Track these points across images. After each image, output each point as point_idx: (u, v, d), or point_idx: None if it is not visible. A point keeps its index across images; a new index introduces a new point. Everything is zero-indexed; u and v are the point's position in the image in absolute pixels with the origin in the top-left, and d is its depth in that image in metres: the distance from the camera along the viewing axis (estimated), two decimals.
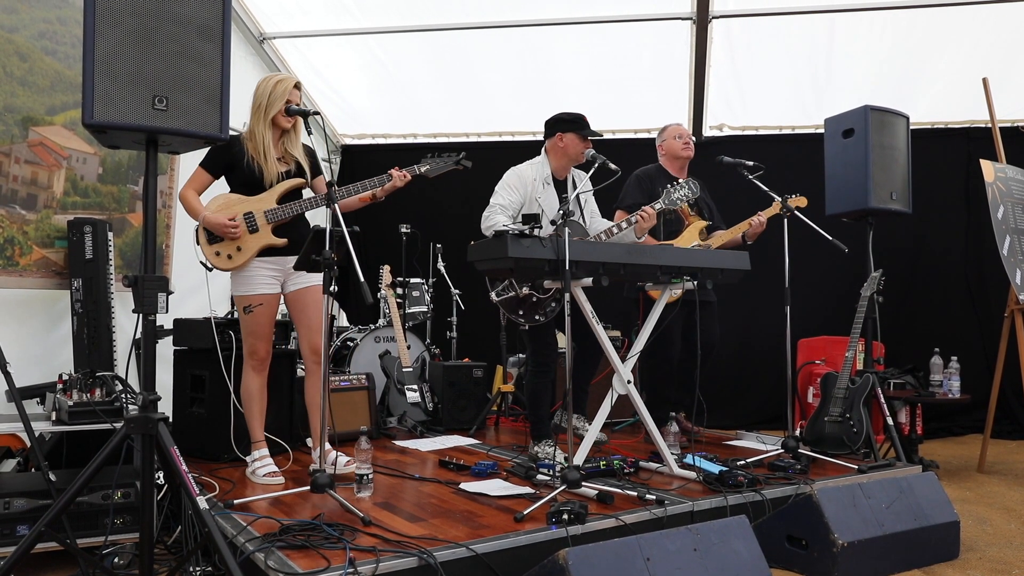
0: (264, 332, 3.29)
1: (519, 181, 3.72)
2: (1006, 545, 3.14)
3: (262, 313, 3.26)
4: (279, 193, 3.26)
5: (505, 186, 3.72)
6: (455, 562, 2.28)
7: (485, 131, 6.44)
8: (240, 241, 3.23)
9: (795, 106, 5.87)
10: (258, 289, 3.25)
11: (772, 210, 4.06)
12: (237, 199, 3.27)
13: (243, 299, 3.26)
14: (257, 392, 3.34)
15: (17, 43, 3.82)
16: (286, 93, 3.22)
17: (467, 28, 5.52)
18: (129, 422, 2.20)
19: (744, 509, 2.92)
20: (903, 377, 4.49)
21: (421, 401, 4.73)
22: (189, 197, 3.24)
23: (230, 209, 3.24)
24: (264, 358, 3.32)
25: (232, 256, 3.24)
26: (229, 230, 3.18)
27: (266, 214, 3.23)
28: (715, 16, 5.30)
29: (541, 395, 3.83)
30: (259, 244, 3.23)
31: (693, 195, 3.52)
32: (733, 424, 5.32)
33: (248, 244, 3.23)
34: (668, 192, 3.52)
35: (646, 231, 3.59)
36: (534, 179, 3.73)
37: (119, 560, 2.67)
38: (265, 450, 3.35)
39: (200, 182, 3.28)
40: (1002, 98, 4.93)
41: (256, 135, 3.24)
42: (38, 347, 3.89)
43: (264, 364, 3.33)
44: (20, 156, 3.82)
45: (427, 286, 5.60)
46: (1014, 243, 4.61)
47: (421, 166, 3.36)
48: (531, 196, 3.70)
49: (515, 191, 3.69)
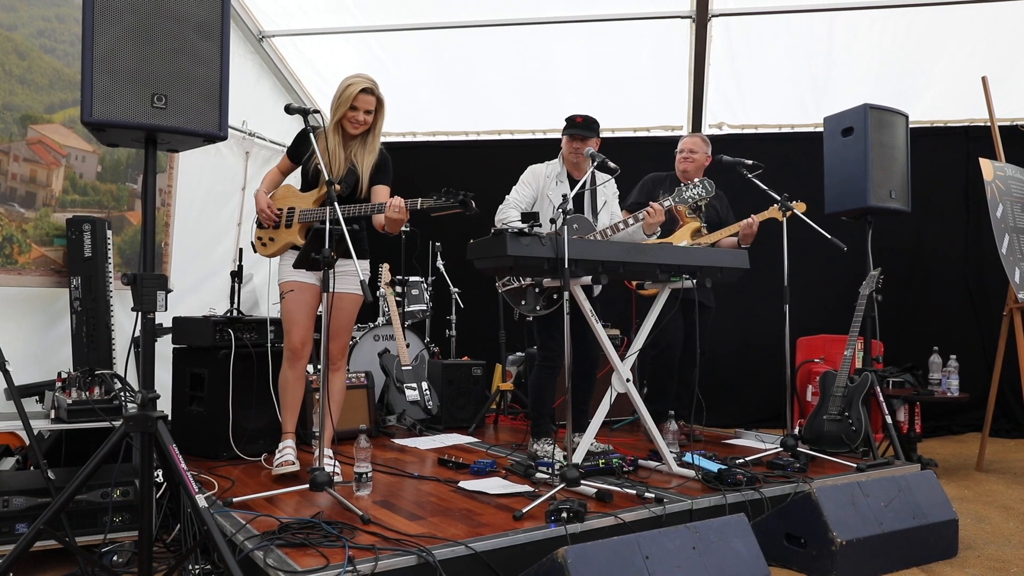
0: (296, 319, 3.27)
1: (532, 177, 3.85)
2: (1004, 543, 3.14)
3: (293, 299, 3.28)
4: (318, 195, 3.29)
5: (520, 183, 3.86)
6: (454, 560, 2.28)
7: (484, 130, 6.43)
8: (275, 232, 3.33)
9: (794, 105, 5.86)
10: (290, 276, 3.30)
11: (766, 213, 4.06)
12: (294, 193, 3.38)
13: (281, 286, 3.34)
14: (291, 384, 3.32)
15: (16, 41, 3.82)
16: (350, 99, 3.19)
17: (466, 27, 5.51)
18: (128, 420, 2.19)
19: (743, 507, 2.92)
20: (902, 375, 4.49)
21: (420, 399, 4.73)
22: (269, 173, 3.42)
23: (286, 200, 3.35)
24: (297, 348, 3.28)
25: (267, 244, 3.37)
26: (264, 215, 3.31)
27: (301, 213, 3.28)
28: (714, 15, 5.29)
29: (544, 390, 3.82)
30: (286, 240, 3.31)
31: (707, 194, 3.49)
32: (732, 423, 5.32)
33: (280, 237, 3.33)
34: (680, 190, 3.52)
35: (654, 227, 3.57)
36: (547, 176, 3.83)
37: (118, 558, 2.68)
38: (289, 441, 3.32)
39: (283, 165, 3.43)
40: (1001, 97, 4.93)
41: (323, 135, 3.25)
42: (37, 345, 3.88)
43: (297, 355, 3.29)
44: (19, 154, 3.81)
45: (426, 284, 5.60)
46: (1013, 242, 4.61)
47: (424, 202, 3.13)
48: (542, 192, 3.80)
49: (528, 187, 3.82)
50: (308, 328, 3.32)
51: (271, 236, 3.34)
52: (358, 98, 3.22)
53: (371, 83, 3.25)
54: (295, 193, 3.37)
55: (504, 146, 6.39)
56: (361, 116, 3.24)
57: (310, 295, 3.30)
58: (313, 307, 3.33)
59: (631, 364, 3.38)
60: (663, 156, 4.40)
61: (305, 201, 3.32)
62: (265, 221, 3.32)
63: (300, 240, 3.26)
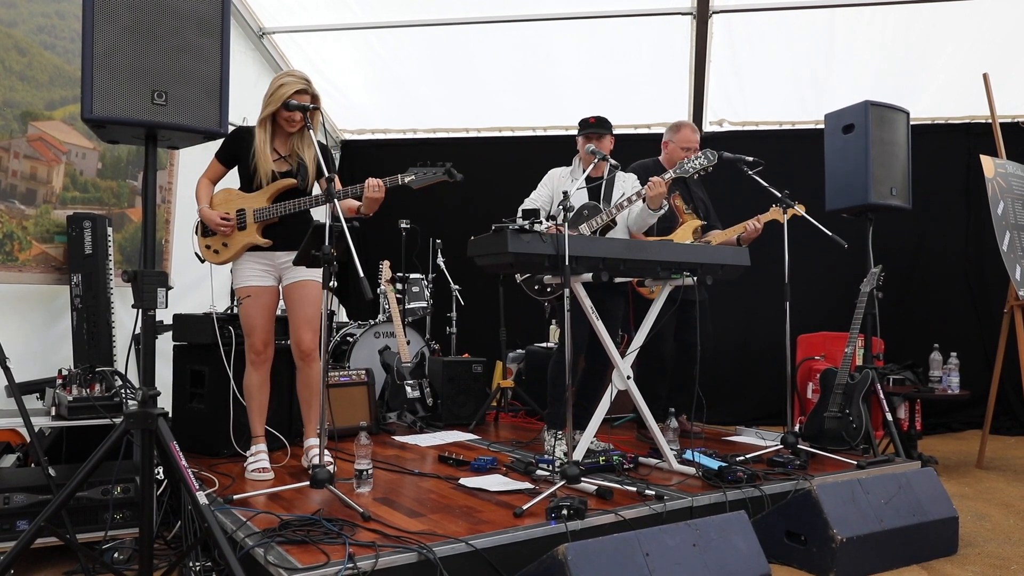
0: (256, 324, 3.25)
1: (549, 178, 3.98)
2: (1005, 540, 3.14)
3: (252, 305, 3.25)
4: (271, 193, 3.24)
5: (540, 184, 3.98)
6: (454, 557, 2.28)
7: (484, 126, 6.42)
8: (228, 237, 3.25)
9: (795, 101, 5.85)
10: (248, 281, 3.26)
11: (769, 215, 4.05)
12: (237, 195, 3.28)
13: (238, 292, 3.30)
14: (256, 387, 3.32)
15: (16, 37, 3.81)
16: (283, 97, 3.12)
17: (466, 23, 5.51)
18: (129, 417, 2.20)
19: (743, 505, 2.92)
20: (902, 373, 4.49)
21: (420, 396, 4.74)
22: (200, 186, 3.31)
23: (228, 204, 3.26)
24: (260, 351, 3.28)
25: (219, 251, 3.28)
26: (220, 227, 3.21)
27: (255, 213, 3.22)
28: (715, 11, 5.29)
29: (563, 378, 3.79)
30: (244, 242, 3.24)
31: (709, 163, 3.50)
32: (732, 420, 5.32)
33: (235, 241, 3.25)
34: (682, 163, 3.52)
35: (659, 200, 3.56)
36: (562, 175, 3.94)
37: (119, 555, 2.68)
38: (261, 446, 3.34)
39: (214, 171, 3.34)
40: (1002, 93, 4.92)
41: (256, 132, 3.23)
42: (38, 342, 3.89)
43: (260, 358, 3.29)
44: (19, 151, 3.81)
45: (427, 281, 5.60)
46: (1014, 239, 4.60)
47: (405, 176, 3.17)
48: (557, 190, 3.88)
49: (544, 187, 3.94)
50: (268, 331, 3.30)
51: (223, 242, 3.26)
52: (297, 97, 3.14)
53: (304, 83, 3.18)
54: (237, 195, 3.28)
55: (505, 143, 6.37)
56: (298, 116, 3.16)
57: (268, 298, 3.29)
58: (272, 309, 3.32)
59: (631, 361, 3.38)
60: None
61: (255, 200, 3.23)
62: (225, 231, 3.22)
63: (260, 239, 3.22)
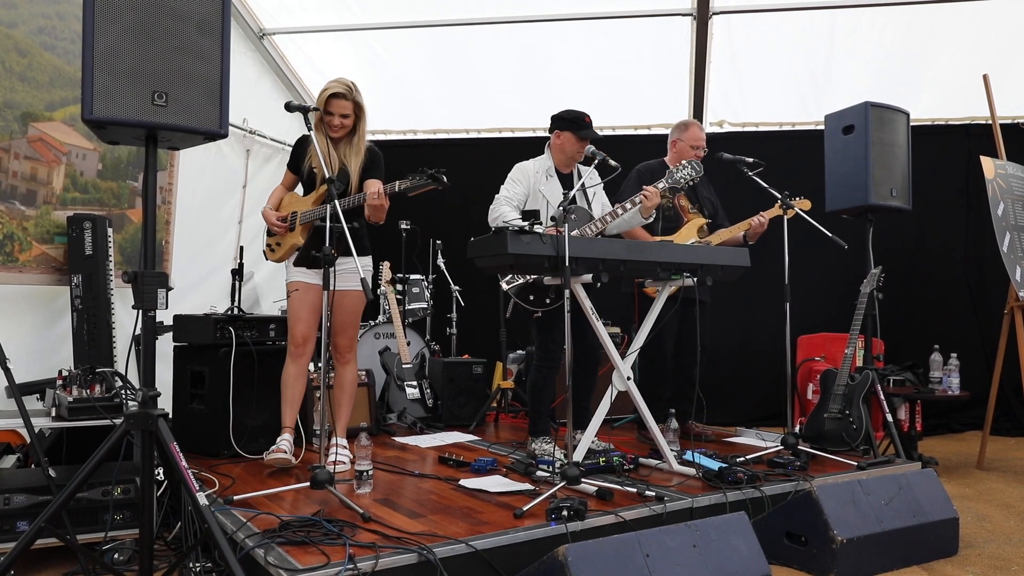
0: (300, 316, 3.38)
1: (522, 175, 3.82)
2: (1005, 541, 3.14)
3: (297, 299, 3.40)
4: (317, 196, 3.37)
5: (510, 180, 3.83)
6: (455, 558, 2.28)
7: (485, 127, 6.43)
8: (282, 237, 3.45)
9: (795, 102, 5.85)
10: (297, 276, 3.42)
11: (774, 211, 4.05)
12: (296, 199, 3.50)
13: (288, 285, 3.46)
14: (292, 378, 3.42)
15: (16, 38, 3.81)
16: (323, 104, 3.29)
17: (466, 24, 5.51)
18: (129, 418, 2.20)
19: (743, 506, 2.92)
20: (903, 374, 4.49)
21: (421, 397, 4.74)
22: (272, 194, 3.54)
23: (288, 207, 3.49)
24: (299, 344, 3.38)
25: (275, 249, 3.51)
26: (276, 227, 3.44)
27: (301, 215, 3.38)
28: (715, 12, 5.29)
29: (543, 389, 3.83)
30: (291, 243, 3.42)
31: (697, 174, 3.51)
32: (733, 421, 5.32)
33: (285, 241, 3.45)
34: (671, 172, 3.53)
35: (651, 210, 3.58)
36: (536, 171, 3.81)
37: (119, 556, 2.68)
38: (286, 435, 3.37)
39: (286, 179, 3.57)
40: (1002, 94, 4.92)
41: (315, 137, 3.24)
42: (38, 343, 3.88)
43: (299, 350, 3.40)
44: (19, 152, 3.81)
45: (427, 282, 5.59)
46: (1014, 240, 4.61)
47: (401, 183, 3.19)
48: (534, 188, 3.78)
49: (519, 184, 3.80)
50: (310, 325, 3.41)
51: (278, 242, 3.49)
52: (330, 103, 3.30)
53: (344, 88, 3.30)
54: (297, 199, 3.50)
55: (505, 144, 6.38)
56: (336, 120, 3.32)
57: (314, 294, 3.39)
58: (317, 306, 3.39)
59: (632, 362, 3.38)
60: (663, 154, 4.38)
61: (304, 203, 3.42)
62: (279, 231, 3.44)
63: (303, 241, 3.37)
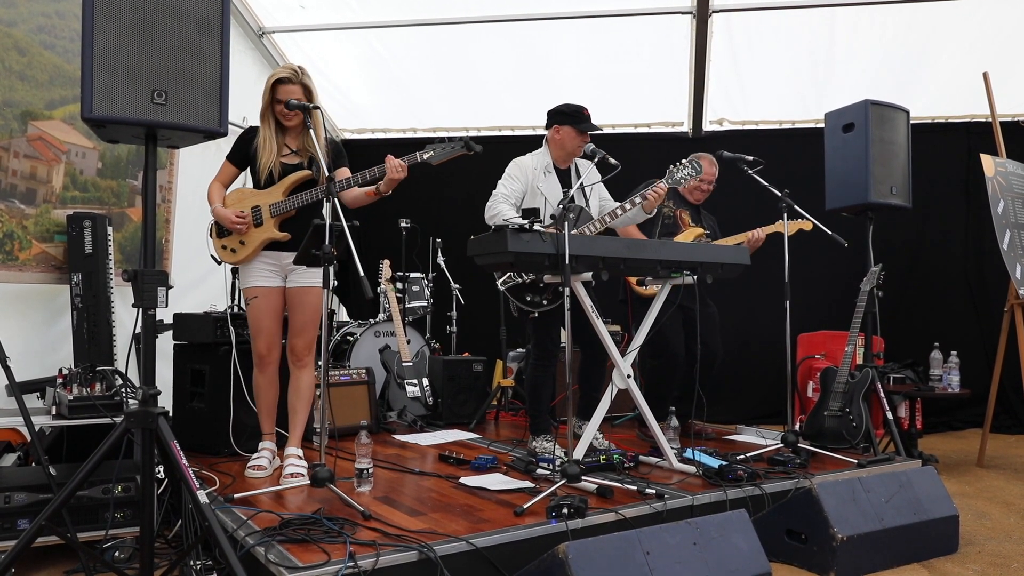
0: (262, 326, 3.22)
1: (519, 171, 3.78)
2: (1005, 539, 3.15)
3: (257, 306, 3.22)
4: (286, 186, 3.20)
5: (507, 176, 3.79)
6: (455, 556, 2.28)
7: (484, 125, 6.43)
8: (245, 235, 3.21)
9: (795, 100, 5.85)
10: (255, 281, 3.23)
11: (773, 228, 4.05)
12: (251, 193, 3.26)
13: (245, 292, 3.27)
14: (263, 388, 3.31)
15: (16, 37, 3.81)
16: (268, 91, 3.13)
17: (466, 22, 5.51)
18: (129, 416, 2.20)
19: (744, 503, 2.92)
20: (903, 372, 4.50)
21: (421, 396, 4.74)
22: (211, 188, 3.28)
23: (242, 203, 3.23)
24: (263, 354, 3.25)
25: (236, 250, 3.24)
26: (236, 224, 3.17)
27: (271, 207, 3.19)
28: (715, 10, 5.29)
29: (541, 388, 3.83)
30: (262, 238, 3.20)
31: (696, 173, 3.51)
32: (733, 419, 5.32)
33: (252, 238, 3.21)
34: (671, 172, 3.53)
35: (655, 207, 3.62)
36: (534, 168, 3.78)
37: (120, 554, 2.68)
38: (267, 443, 3.34)
39: (225, 174, 3.31)
40: (1003, 92, 4.92)
41: (260, 128, 3.22)
42: (38, 342, 3.89)
43: (264, 361, 3.26)
44: (19, 150, 3.81)
45: (427, 281, 5.60)
46: (1014, 238, 4.60)
47: (424, 153, 3.09)
48: (532, 184, 3.76)
49: (516, 180, 3.76)
50: (274, 333, 3.26)
51: (240, 241, 3.22)
52: (276, 89, 3.11)
53: (290, 72, 3.12)
54: (251, 192, 3.25)
55: (505, 142, 6.36)
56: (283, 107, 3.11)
57: (275, 300, 3.25)
58: (278, 311, 3.27)
59: (632, 360, 3.38)
60: (663, 152, 4.39)
61: (269, 196, 3.20)
62: (240, 228, 3.18)
63: (278, 233, 3.19)
